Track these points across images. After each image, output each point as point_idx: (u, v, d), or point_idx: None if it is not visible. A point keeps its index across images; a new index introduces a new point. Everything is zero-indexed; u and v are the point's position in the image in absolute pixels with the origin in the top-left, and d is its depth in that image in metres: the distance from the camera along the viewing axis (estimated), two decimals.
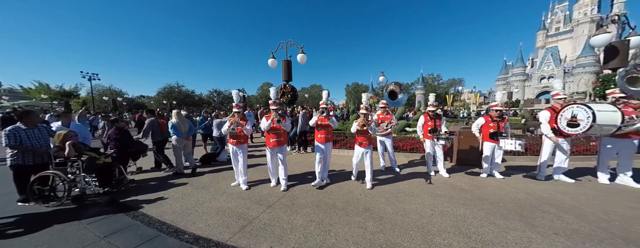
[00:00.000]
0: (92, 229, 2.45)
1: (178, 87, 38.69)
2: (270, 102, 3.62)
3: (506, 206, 2.88)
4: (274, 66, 7.62)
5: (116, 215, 2.78)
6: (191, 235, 2.32)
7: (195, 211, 2.87)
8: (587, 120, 3.13)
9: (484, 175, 4.07)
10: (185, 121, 4.61)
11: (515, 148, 3.56)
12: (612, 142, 3.58)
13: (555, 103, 3.83)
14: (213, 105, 39.46)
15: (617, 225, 2.38)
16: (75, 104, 27.52)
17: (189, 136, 4.69)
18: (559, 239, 2.14)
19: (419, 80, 41.94)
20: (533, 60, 45.21)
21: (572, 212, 2.68)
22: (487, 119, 4.04)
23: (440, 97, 36.69)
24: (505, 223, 2.46)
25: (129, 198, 3.30)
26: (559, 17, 43.79)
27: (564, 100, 3.74)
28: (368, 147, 3.55)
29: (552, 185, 3.60)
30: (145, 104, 40.94)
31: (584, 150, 5.31)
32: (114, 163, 3.65)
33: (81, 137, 4.03)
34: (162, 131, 4.75)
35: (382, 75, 12.44)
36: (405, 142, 6.10)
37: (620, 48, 5.39)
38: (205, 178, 4.28)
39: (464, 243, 2.11)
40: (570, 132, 3.38)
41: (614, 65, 5.46)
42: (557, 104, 3.77)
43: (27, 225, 2.54)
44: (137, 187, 3.85)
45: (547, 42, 44.37)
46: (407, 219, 2.57)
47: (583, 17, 38.98)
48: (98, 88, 35.61)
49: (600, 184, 3.62)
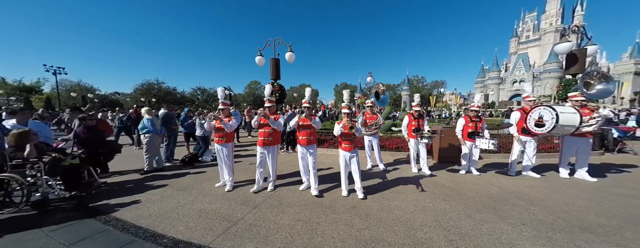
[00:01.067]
0: (55, 237, 2.23)
1: (158, 84, 36.45)
2: (265, 99, 3.46)
3: (481, 200, 3.08)
4: (262, 64, 7.45)
5: (85, 221, 2.55)
6: (170, 239, 2.20)
7: (176, 214, 2.72)
8: (551, 120, 3.44)
9: (463, 172, 4.31)
10: (156, 118, 4.60)
11: (488, 147, 3.83)
12: (572, 140, 3.98)
13: (525, 104, 4.17)
14: (196, 104, 37.74)
15: (574, 215, 2.64)
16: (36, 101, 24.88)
17: (163, 133, 4.62)
18: (526, 229, 2.34)
19: (405, 82, 43.46)
20: (507, 65, 48.75)
21: (538, 204, 2.94)
22: (467, 119, 4.29)
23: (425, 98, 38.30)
24: (480, 216, 2.63)
25: (100, 203, 3.05)
26: (529, 26, 47.63)
27: (533, 102, 4.08)
28: (353, 151, 3.14)
29: (521, 180, 3.92)
30: (120, 101, 38.10)
31: (549, 148, 5.84)
32: (82, 165, 3.35)
33: (42, 137, 3.67)
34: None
35: (369, 76, 12.71)
36: (391, 141, 6.29)
37: (579, 56, 5.98)
38: (187, 180, 4.08)
39: (444, 236, 2.23)
40: (538, 132, 3.70)
41: (573, 71, 6.06)
42: (527, 106, 4.11)
43: None
44: (110, 190, 3.57)
45: (519, 48, 48.10)
46: (392, 215, 2.65)
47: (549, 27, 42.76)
48: (65, 83, 32.49)
49: (561, 178, 4.01)
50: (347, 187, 3.26)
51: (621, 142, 6.55)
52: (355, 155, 3.16)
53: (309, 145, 3.32)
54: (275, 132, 3.39)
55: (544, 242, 2.11)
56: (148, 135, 4.37)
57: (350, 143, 3.13)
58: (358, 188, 3.20)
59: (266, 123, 3.25)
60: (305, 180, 3.51)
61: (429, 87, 51.81)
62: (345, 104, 3.23)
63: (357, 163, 3.16)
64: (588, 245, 2.07)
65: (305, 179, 3.50)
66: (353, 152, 3.14)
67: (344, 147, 3.16)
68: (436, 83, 53.17)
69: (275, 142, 3.42)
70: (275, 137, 3.41)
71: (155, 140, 4.44)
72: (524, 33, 48.29)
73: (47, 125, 3.93)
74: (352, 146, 3.14)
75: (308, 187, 3.44)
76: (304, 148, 3.33)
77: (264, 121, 3.25)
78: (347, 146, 3.13)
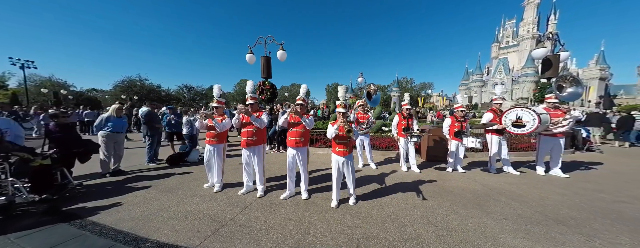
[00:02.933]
0: (22, 243, 2.04)
1: (140, 81, 34.55)
2: (247, 96, 3.20)
3: (467, 197, 3.22)
4: (252, 62, 7.30)
5: (57, 226, 2.36)
6: (154, 242, 2.09)
7: (160, 216, 2.59)
8: (533, 121, 3.68)
9: (449, 170, 4.48)
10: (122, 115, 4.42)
11: (475, 146, 4.01)
12: (547, 140, 4.28)
13: (494, 106, 4.48)
14: (183, 102, 36.25)
15: (550, 209, 2.83)
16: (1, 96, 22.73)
17: (121, 132, 4.38)
18: (508, 223, 2.47)
19: (394, 83, 44.50)
20: (489, 69, 51.42)
21: (518, 200, 3.12)
22: (453, 119, 4.47)
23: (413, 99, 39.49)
24: (466, 211, 2.74)
25: (76, 206, 2.83)
26: (509, 32, 50.54)
27: (500, 104, 4.40)
28: (348, 156, 2.77)
29: (502, 177, 4.14)
30: (98, 99, 35.75)
31: (527, 147, 6.22)
32: (54, 165, 3.09)
33: (11, 135, 3.36)
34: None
35: (361, 76, 12.85)
36: (382, 140, 6.41)
37: (553, 61, 6.44)
38: (172, 181, 3.90)
39: (432, 231, 2.29)
40: (517, 132, 3.93)
41: (548, 75, 6.51)
42: (495, 107, 4.43)
43: None
44: (87, 192, 3.32)
45: (500, 53, 50.88)
46: (383, 213, 2.69)
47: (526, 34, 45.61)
48: (34, 78, 29.90)
49: (537, 175, 4.28)
50: (339, 195, 2.90)
51: (589, 141, 7.13)
52: (351, 161, 2.80)
53: (298, 146, 2.97)
54: (260, 132, 3.16)
55: (523, 235, 2.24)
56: (103, 133, 4.12)
57: (345, 147, 2.74)
58: (351, 193, 2.92)
59: (249, 121, 3.05)
60: (289, 188, 3.14)
61: (417, 88, 53.46)
62: (340, 101, 2.81)
63: (351, 169, 2.80)
64: (562, 236, 2.22)
65: (290, 187, 3.15)
66: (348, 157, 2.76)
67: (337, 150, 2.75)
68: (424, 85, 55.00)
69: (259, 141, 3.18)
70: (260, 136, 3.18)
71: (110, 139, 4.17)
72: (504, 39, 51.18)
73: (19, 123, 3.59)
74: (347, 150, 2.75)
75: (291, 195, 3.13)
76: (293, 150, 3.00)
77: (246, 119, 3.06)
78: (341, 150, 2.74)
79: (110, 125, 4.16)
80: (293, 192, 3.20)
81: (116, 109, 4.31)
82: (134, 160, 5.16)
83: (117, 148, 4.30)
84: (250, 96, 3.17)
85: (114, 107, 4.32)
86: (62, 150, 3.32)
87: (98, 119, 4.25)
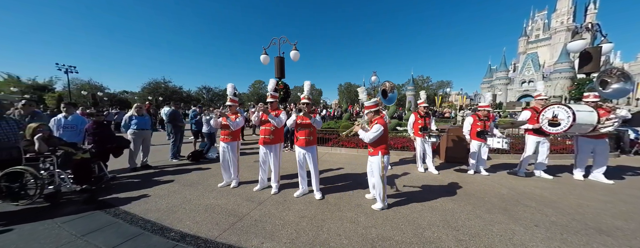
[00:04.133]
0: (67, 228, 2.28)
1: (165, 83, 37.13)
2: (267, 94, 3.27)
3: (491, 201, 3.00)
4: (267, 62, 7.48)
5: (95, 213, 2.61)
6: (178, 232, 2.22)
7: (182, 208, 2.75)
8: (567, 119, 3.32)
9: (471, 172, 4.22)
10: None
11: (501, 146, 3.72)
12: (588, 141, 3.84)
13: (536, 104, 4.04)
14: (202, 102, 38.27)
15: (590, 217, 2.54)
16: (49, 99, 25.67)
17: (147, 128, 4.70)
18: (540, 231, 2.26)
19: (410, 82, 42.99)
20: (515, 65, 47.68)
21: (551, 206, 2.84)
22: (475, 118, 4.20)
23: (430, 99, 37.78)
24: (490, 216, 2.56)
25: (110, 196, 3.11)
26: (539, 24, 46.43)
27: (545, 101, 3.96)
28: (374, 156, 2.64)
29: (532, 181, 3.80)
30: (128, 100, 38.94)
31: (562, 149, 5.66)
32: (93, 159, 3.42)
33: (77, 131, 3.86)
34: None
35: (374, 75, 12.59)
36: (397, 140, 6.22)
37: (594, 54, 5.77)
38: (193, 176, 4.13)
39: (453, 236, 2.17)
40: (552, 131, 3.58)
41: (588, 70, 5.85)
42: (538, 105, 3.99)
43: None
44: (120, 184, 3.64)
45: (528, 48, 46.96)
46: (398, 214, 2.61)
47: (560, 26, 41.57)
48: (76, 82, 33.40)
49: (575, 180, 3.87)
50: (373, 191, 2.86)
51: (638, 143, 6.30)
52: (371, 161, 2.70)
53: (308, 146, 2.98)
54: (277, 130, 3.19)
55: (558, 244, 2.04)
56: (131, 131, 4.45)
57: (369, 147, 2.69)
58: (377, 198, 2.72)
59: (267, 119, 3.09)
60: (302, 187, 3.16)
61: (434, 87, 51.13)
62: (371, 102, 2.71)
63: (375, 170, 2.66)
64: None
65: (303, 185, 3.16)
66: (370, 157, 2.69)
67: (370, 151, 2.71)
68: (442, 83, 52.41)
69: (277, 140, 3.22)
70: (277, 135, 3.22)
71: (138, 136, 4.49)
72: (533, 32, 47.12)
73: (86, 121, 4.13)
74: (371, 150, 2.66)
75: (304, 193, 3.14)
76: (302, 149, 3.01)
77: (265, 117, 3.09)
78: (369, 150, 2.71)
79: (134, 123, 4.49)
80: (306, 190, 3.21)
81: (137, 108, 4.64)
82: (159, 156, 5.53)
83: (145, 144, 4.65)
84: (271, 94, 3.22)
85: (134, 106, 4.68)
86: (98, 146, 3.66)
87: (124, 119, 4.62)
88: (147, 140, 4.69)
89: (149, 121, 4.89)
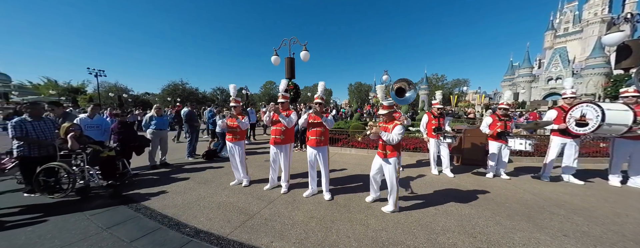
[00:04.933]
0: (94, 221, 2.47)
1: (182, 85, 39.14)
2: (279, 94, 3.27)
3: (512, 206, 2.81)
4: (277, 63, 7.60)
5: (119, 208, 2.79)
6: (192, 228, 2.32)
7: (197, 205, 2.86)
8: (596, 119, 3.03)
9: (490, 175, 3.98)
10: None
11: (525, 148, 3.47)
12: (625, 143, 3.46)
13: (564, 102, 3.72)
14: (216, 103, 39.78)
15: (630, 228, 2.29)
16: (82, 100, 28.00)
17: (165, 128, 4.93)
18: (569, 241, 2.07)
19: (423, 80, 41.57)
20: (540, 61, 44.37)
21: (582, 214, 2.60)
22: (495, 118, 3.95)
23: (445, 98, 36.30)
24: (512, 223, 2.39)
25: (132, 192, 3.32)
26: (568, 17, 42.82)
27: (573, 100, 3.63)
28: (387, 159, 2.54)
29: (560, 187, 3.51)
30: (150, 101, 41.45)
31: (594, 152, 5.17)
32: (117, 157, 3.67)
33: (101, 131, 4.13)
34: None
35: (385, 74, 12.32)
36: (409, 141, 6.04)
37: (634, 47, 5.19)
38: (208, 174, 4.29)
39: (469, 243, 2.06)
40: (579, 132, 3.28)
41: (626, 64, 5.27)
42: (566, 104, 3.67)
43: (32, 216, 2.57)
44: (141, 180, 3.88)
45: (555, 42, 43.47)
46: (410, 218, 2.52)
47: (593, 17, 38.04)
48: (104, 85, 36.16)
49: (611, 186, 3.51)
50: (376, 194, 2.89)
51: None
52: (386, 163, 2.58)
53: (319, 146, 2.97)
54: (288, 131, 3.21)
55: None
56: (150, 130, 4.72)
57: (381, 148, 2.60)
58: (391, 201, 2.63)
59: (278, 119, 3.10)
60: (311, 187, 3.16)
61: (449, 85, 49.04)
62: (387, 103, 2.58)
63: (388, 172, 2.58)
64: None
65: (312, 185, 3.17)
66: (384, 160, 2.59)
67: (378, 152, 2.67)
68: (458, 81, 50.16)
69: (287, 140, 3.24)
70: (288, 135, 3.24)
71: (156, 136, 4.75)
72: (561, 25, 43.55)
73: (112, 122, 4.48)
74: (385, 153, 2.55)
75: (314, 193, 3.15)
76: (313, 149, 3.01)
77: (275, 117, 3.11)
78: (381, 152, 2.60)
79: (154, 123, 4.78)
80: (315, 190, 3.21)
81: (156, 108, 4.95)
82: (176, 155, 5.82)
83: (163, 143, 4.91)
84: (282, 95, 3.25)
85: (154, 107, 4.99)
86: (122, 144, 3.92)
87: (144, 119, 4.94)
88: (164, 139, 4.95)
89: (167, 121, 5.16)
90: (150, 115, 4.86)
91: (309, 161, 3.12)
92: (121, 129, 4.06)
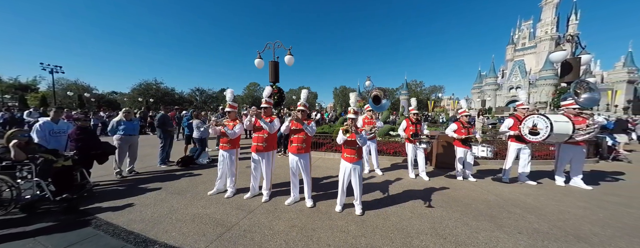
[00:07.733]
0: (43, 241, 2.17)
1: (156, 84, 36.29)
2: (263, 100, 3.22)
3: (478, 207, 3.08)
4: (261, 67, 7.48)
5: (75, 225, 2.49)
6: (162, 245, 2.15)
7: (169, 218, 2.67)
8: (546, 129, 3.48)
9: (460, 178, 4.31)
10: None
11: (486, 155, 3.84)
12: (568, 148, 4.02)
13: (519, 112, 4.22)
14: (195, 104, 37.61)
15: (570, 224, 2.65)
16: (31, 99, 24.58)
17: (134, 134, 4.55)
18: (523, 238, 2.33)
19: (403, 86, 43.86)
20: (503, 71, 49.47)
21: (534, 212, 2.94)
22: (459, 124, 4.32)
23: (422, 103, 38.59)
24: (477, 223, 2.62)
25: (92, 206, 2.99)
26: (525, 33, 48.54)
27: (527, 110, 4.14)
28: (357, 162, 2.76)
29: (517, 187, 3.93)
30: (117, 101, 37.78)
31: (544, 155, 5.88)
32: (75, 166, 3.29)
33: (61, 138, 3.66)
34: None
35: (368, 80, 12.77)
36: (389, 146, 6.29)
37: (573, 64, 6.10)
38: (182, 182, 4.03)
39: (440, 244, 2.21)
40: (532, 140, 3.73)
41: (568, 79, 6.16)
42: (520, 113, 4.16)
43: None
44: (103, 192, 3.50)
45: (515, 55, 48.89)
46: (388, 222, 2.63)
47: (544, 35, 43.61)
48: (62, 82, 32.18)
49: (556, 186, 4.03)
50: (343, 200, 2.93)
51: (615, 149, 6.63)
52: (358, 167, 2.77)
53: (300, 153, 2.98)
54: (271, 137, 3.16)
55: None
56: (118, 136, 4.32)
57: (354, 153, 2.73)
58: (357, 203, 2.84)
59: (260, 126, 3.04)
60: (293, 194, 3.15)
61: (427, 91, 52.38)
62: (351, 107, 2.81)
63: (359, 177, 2.76)
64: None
65: (294, 193, 3.15)
66: (356, 164, 2.75)
67: (346, 157, 2.77)
68: (434, 88, 53.83)
69: (270, 147, 3.18)
70: (270, 142, 3.16)
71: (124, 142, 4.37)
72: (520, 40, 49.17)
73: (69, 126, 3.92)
74: (356, 157, 2.74)
75: (296, 201, 3.13)
76: (295, 156, 3.01)
77: (258, 124, 3.05)
78: (350, 156, 2.74)
79: (122, 128, 4.36)
80: (297, 197, 3.19)
81: (125, 112, 4.51)
82: (147, 162, 5.38)
83: (132, 150, 4.51)
84: (266, 100, 3.21)
85: (123, 111, 4.54)
86: (81, 152, 3.52)
87: (110, 124, 4.46)
88: (134, 145, 4.56)
89: (138, 126, 4.76)
90: (118, 119, 4.44)
91: (291, 168, 3.10)
92: (80, 135, 3.65)
